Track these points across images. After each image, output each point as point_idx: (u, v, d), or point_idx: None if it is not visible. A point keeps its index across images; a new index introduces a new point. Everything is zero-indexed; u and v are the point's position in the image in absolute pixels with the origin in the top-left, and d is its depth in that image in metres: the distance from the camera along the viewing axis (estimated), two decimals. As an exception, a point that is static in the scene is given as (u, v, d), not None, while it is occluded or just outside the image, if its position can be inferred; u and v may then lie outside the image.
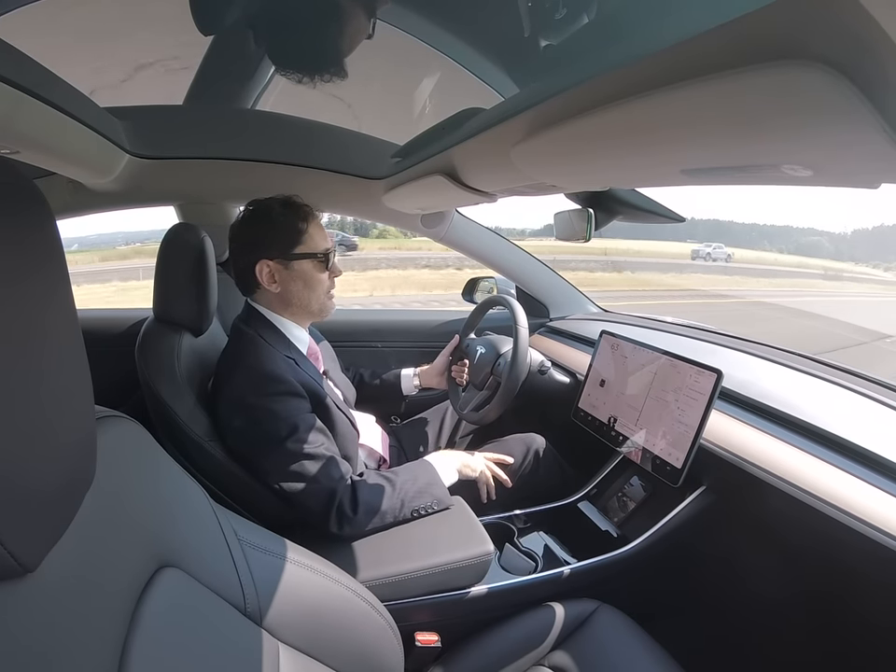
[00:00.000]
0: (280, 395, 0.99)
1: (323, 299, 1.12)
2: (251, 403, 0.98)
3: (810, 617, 0.95)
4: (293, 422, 0.98)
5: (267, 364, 1.00)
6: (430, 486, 1.04)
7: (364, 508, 0.97)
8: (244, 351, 1.04)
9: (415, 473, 1.06)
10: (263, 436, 0.97)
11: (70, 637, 0.38)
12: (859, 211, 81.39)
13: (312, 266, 1.08)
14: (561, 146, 0.62)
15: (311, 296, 1.10)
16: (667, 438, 1.04)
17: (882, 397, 0.95)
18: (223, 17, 0.96)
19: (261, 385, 0.98)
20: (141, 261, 13.66)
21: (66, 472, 0.38)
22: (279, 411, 0.98)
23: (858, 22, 0.26)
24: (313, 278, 1.09)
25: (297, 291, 1.09)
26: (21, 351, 0.33)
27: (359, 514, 0.97)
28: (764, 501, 0.88)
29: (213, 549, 0.58)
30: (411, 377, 1.53)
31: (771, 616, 0.99)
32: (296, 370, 1.05)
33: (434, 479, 1.06)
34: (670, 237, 31.97)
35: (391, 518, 0.99)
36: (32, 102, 0.66)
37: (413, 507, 1.01)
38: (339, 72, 0.95)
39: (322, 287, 1.11)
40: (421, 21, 0.96)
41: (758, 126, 0.39)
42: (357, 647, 0.68)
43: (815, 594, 0.93)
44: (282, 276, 1.07)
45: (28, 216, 0.35)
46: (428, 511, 1.02)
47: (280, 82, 1.15)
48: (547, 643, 0.90)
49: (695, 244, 30.61)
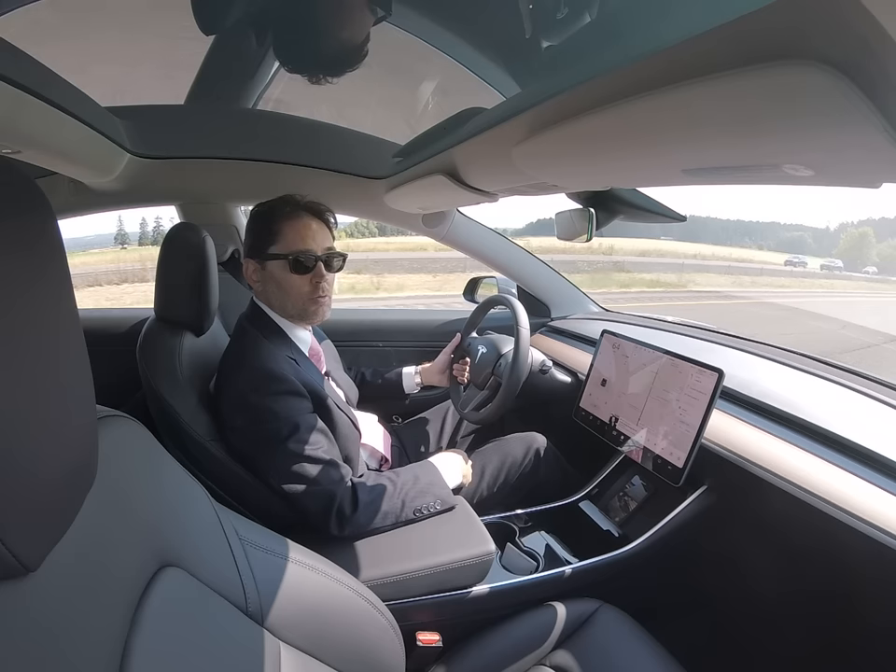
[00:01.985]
0: (281, 394, 0.99)
1: (301, 303, 1.07)
2: (253, 402, 0.98)
3: (812, 616, 0.95)
4: (294, 421, 0.98)
5: (269, 363, 1.00)
6: (432, 486, 1.04)
7: (364, 509, 0.97)
8: (246, 350, 1.04)
9: (417, 473, 1.06)
10: (265, 435, 0.97)
11: (71, 637, 0.38)
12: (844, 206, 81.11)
13: (281, 268, 1.05)
14: (562, 146, 0.62)
15: (285, 298, 1.07)
16: (669, 437, 1.04)
17: (884, 396, 0.95)
18: (225, 16, 0.96)
19: (263, 384, 0.98)
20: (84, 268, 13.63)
21: (68, 472, 0.38)
22: (280, 410, 0.97)
23: (859, 22, 0.26)
24: (284, 280, 1.05)
25: (272, 292, 1.07)
26: (23, 350, 0.33)
27: (359, 515, 0.96)
28: (766, 501, 0.88)
29: (214, 548, 0.58)
30: (412, 375, 1.53)
31: (772, 615, 0.99)
32: (297, 369, 1.04)
33: (436, 479, 1.06)
34: (644, 234, 31.87)
35: (392, 519, 0.99)
36: (33, 101, 0.66)
37: (415, 507, 1.01)
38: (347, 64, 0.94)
39: (295, 290, 1.06)
40: (422, 20, 0.96)
41: (759, 126, 0.39)
42: (359, 646, 0.68)
43: (816, 593, 0.93)
44: (260, 276, 1.07)
45: (30, 215, 0.35)
46: (431, 510, 1.02)
47: (281, 82, 1.15)
48: (548, 643, 0.90)
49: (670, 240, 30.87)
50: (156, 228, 37.88)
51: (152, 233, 36.88)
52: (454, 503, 1.05)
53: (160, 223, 38.44)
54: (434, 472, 1.08)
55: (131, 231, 33.67)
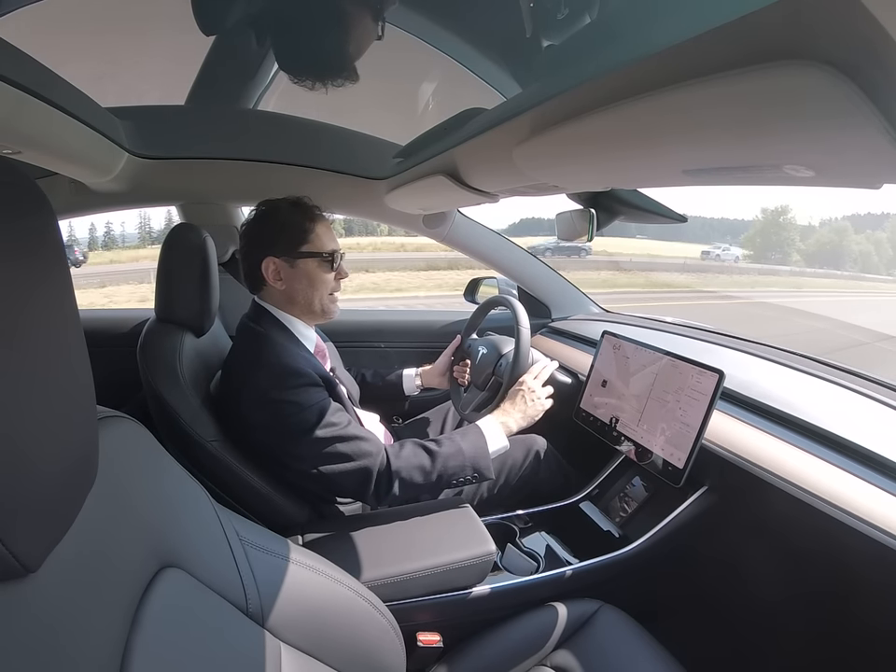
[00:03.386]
0: (302, 387, 1.01)
1: (326, 299, 1.13)
2: (274, 398, 0.99)
3: (812, 616, 0.95)
4: (319, 408, 1.00)
5: (286, 359, 1.02)
6: (475, 459, 1.06)
7: (401, 484, 1.00)
8: (259, 349, 1.04)
9: (461, 445, 1.07)
10: (291, 427, 0.99)
11: (72, 638, 0.38)
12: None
13: (316, 265, 1.09)
14: (563, 146, 0.62)
15: (314, 295, 1.11)
16: (669, 438, 1.04)
17: (883, 397, 0.95)
18: (225, 17, 0.96)
19: (283, 380, 0.99)
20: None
21: (68, 473, 0.38)
22: (304, 402, 0.99)
23: (860, 24, 0.26)
24: (317, 278, 1.10)
25: (301, 289, 1.10)
26: (23, 351, 0.33)
27: (396, 490, 1.00)
28: (766, 501, 0.88)
29: (215, 549, 0.58)
30: (413, 377, 1.53)
31: (772, 615, 0.99)
32: (312, 362, 1.08)
33: (480, 450, 1.07)
34: (619, 233, 31.54)
35: (427, 490, 1.04)
36: (33, 102, 0.66)
37: (451, 479, 1.04)
38: (350, 76, 0.95)
39: (325, 287, 1.12)
40: (424, 21, 0.96)
41: (760, 127, 0.39)
42: (359, 647, 0.68)
43: (817, 593, 0.93)
44: (287, 274, 1.08)
45: (30, 216, 0.35)
46: (465, 482, 1.06)
47: (281, 83, 1.15)
48: (549, 643, 0.90)
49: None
50: (107, 233, 36.86)
51: (102, 238, 35.90)
52: (491, 476, 1.08)
53: (110, 228, 37.44)
54: (479, 441, 1.09)
55: (81, 237, 32.92)
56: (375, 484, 0.99)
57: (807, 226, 46.51)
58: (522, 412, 1.17)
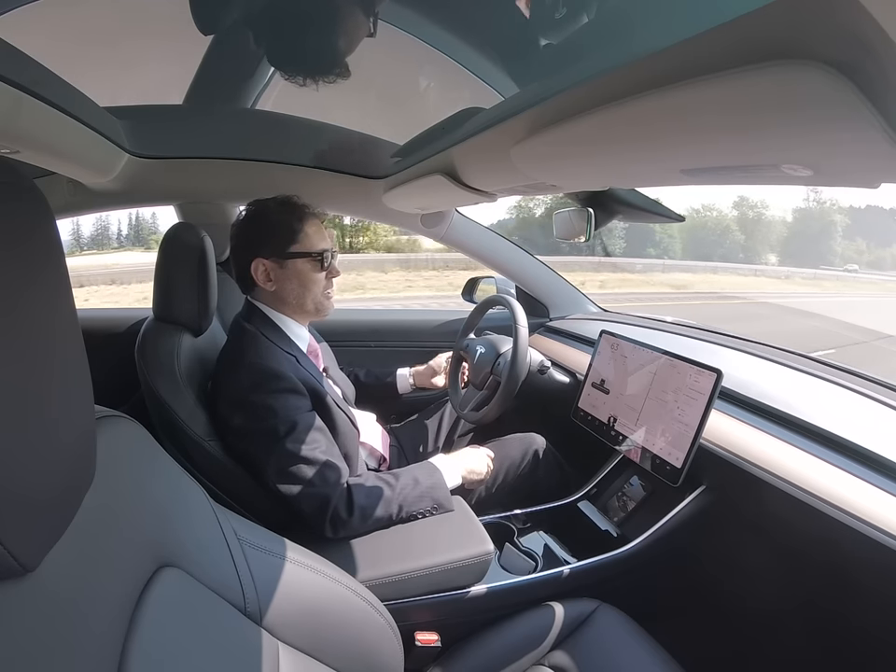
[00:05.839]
0: (280, 392, 0.99)
1: (319, 298, 1.12)
2: (251, 400, 0.98)
3: (810, 616, 0.95)
4: (292, 420, 0.98)
5: (267, 361, 1.01)
6: (432, 490, 1.04)
7: (360, 513, 0.97)
8: (245, 348, 1.04)
9: (416, 476, 1.05)
10: (262, 433, 0.97)
11: (70, 637, 0.38)
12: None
13: (307, 265, 1.08)
14: (561, 145, 0.62)
15: (306, 294, 1.10)
16: (667, 437, 1.04)
17: (882, 396, 0.95)
18: (223, 16, 0.96)
19: (261, 382, 0.98)
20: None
21: (66, 472, 0.38)
22: (279, 408, 0.98)
23: (858, 23, 0.26)
24: (307, 278, 1.09)
25: (292, 290, 1.09)
26: (21, 351, 0.33)
27: (354, 520, 0.96)
28: (764, 501, 0.88)
29: (213, 548, 0.58)
30: (406, 377, 1.54)
31: (771, 614, 0.99)
32: (296, 367, 1.05)
33: (437, 482, 1.06)
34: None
35: (387, 523, 0.99)
36: (32, 101, 0.66)
37: (412, 511, 1.01)
38: (342, 72, 0.95)
39: (317, 286, 1.11)
40: (420, 19, 0.96)
41: (758, 126, 0.39)
42: (357, 646, 0.68)
43: (815, 593, 0.93)
44: (277, 275, 1.08)
45: (28, 215, 0.35)
46: (426, 515, 1.02)
47: (280, 82, 1.15)
48: (547, 643, 0.90)
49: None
50: (74, 233, 36.34)
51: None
52: (451, 507, 1.05)
53: (76, 230, 37.19)
54: (434, 474, 1.07)
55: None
56: (332, 515, 0.95)
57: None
58: (471, 467, 1.15)
